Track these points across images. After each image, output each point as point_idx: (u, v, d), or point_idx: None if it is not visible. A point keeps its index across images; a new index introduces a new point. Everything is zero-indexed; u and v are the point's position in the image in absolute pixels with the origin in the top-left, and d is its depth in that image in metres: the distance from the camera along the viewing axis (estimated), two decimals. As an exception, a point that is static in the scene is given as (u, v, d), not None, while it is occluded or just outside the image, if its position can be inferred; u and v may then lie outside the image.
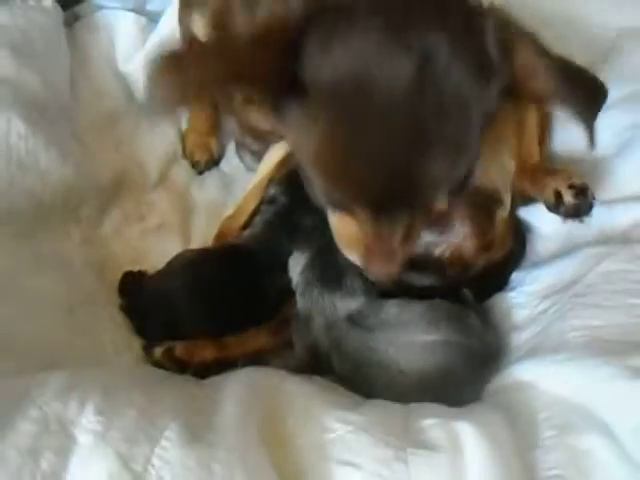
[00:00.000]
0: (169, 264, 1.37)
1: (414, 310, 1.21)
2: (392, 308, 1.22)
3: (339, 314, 1.25)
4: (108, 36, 1.77)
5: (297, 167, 1.04)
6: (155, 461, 0.80)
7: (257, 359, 1.28)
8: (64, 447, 0.80)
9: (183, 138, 1.82)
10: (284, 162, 1.44)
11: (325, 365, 1.25)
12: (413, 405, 1.04)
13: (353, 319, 1.24)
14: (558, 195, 1.29)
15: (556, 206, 1.30)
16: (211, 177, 1.78)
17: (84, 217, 1.51)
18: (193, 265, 1.34)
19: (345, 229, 1.05)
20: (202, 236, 1.58)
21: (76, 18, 1.82)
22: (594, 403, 0.93)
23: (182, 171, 1.77)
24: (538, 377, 1.02)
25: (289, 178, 1.39)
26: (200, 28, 1.26)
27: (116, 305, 1.39)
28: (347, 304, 1.24)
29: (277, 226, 1.38)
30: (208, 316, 1.29)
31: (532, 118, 1.41)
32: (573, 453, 0.90)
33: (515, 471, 0.88)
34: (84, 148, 1.61)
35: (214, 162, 1.82)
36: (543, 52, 0.93)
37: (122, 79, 1.78)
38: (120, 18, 1.77)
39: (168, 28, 1.73)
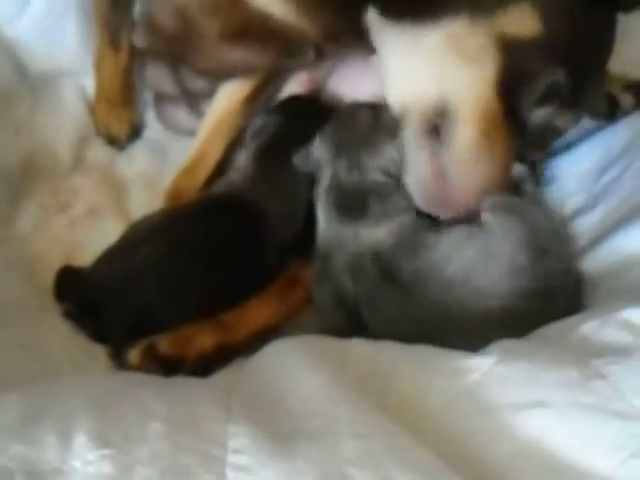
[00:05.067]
0: (124, 237, 0.95)
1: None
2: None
3: (363, 249, 0.87)
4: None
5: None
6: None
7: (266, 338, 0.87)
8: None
9: (93, 112, 1.39)
10: (253, 96, 1.12)
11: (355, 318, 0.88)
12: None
13: (382, 259, 0.86)
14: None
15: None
16: (136, 148, 1.39)
17: (-8, 214, 1.13)
18: (164, 228, 0.93)
19: None
20: (147, 211, 1.17)
21: None
22: None
23: (100, 148, 1.37)
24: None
25: (285, 104, 1.06)
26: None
27: (57, 312, 0.96)
28: (373, 233, 0.86)
29: (274, 153, 0.98)
30: (193, 291, 0.88)
31: None
32: None
33: None
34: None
35: (136, 133, 1.41)
36: None
37: (8, 51, 1.35)
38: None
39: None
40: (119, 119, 1.39)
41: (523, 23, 0.85)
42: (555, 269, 0.83)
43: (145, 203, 1.24)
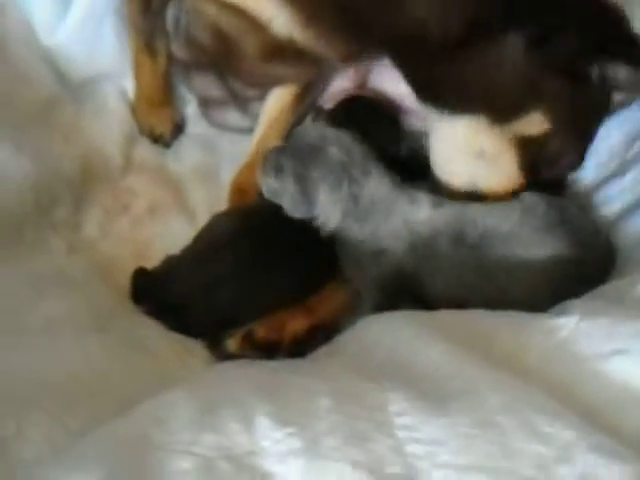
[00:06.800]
0: (201, 238, 0.99)
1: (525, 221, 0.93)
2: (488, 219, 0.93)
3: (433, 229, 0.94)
4: (20, 13, 1.32)
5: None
6: (413, 449, 0.47)
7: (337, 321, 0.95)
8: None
9: (134, 112, 1.41)
10: (303, 94, 1.21)
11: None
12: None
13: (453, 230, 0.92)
14: None
15: None
16: (183, 144, 1.41)
17: (60, 221, 1.16)
18: (245, 232, 0.98)
19: None
20: (208, 205, 1.24)
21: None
22: None
23: (148, 147, 1.39)
24: None
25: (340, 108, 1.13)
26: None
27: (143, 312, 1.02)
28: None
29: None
30: (277, 292, 0.93)
31: None
32: None
33: None
34: (31, 142, 1.20)
35: (179, 130, 1.43)
36: None
37: (48, 59, 1.36)
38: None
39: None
40: (160, 118, 1.41)
41: (535, 127, 0.96)
42: (586, 240, 0.92)
43: (204, 197, 1.27)
